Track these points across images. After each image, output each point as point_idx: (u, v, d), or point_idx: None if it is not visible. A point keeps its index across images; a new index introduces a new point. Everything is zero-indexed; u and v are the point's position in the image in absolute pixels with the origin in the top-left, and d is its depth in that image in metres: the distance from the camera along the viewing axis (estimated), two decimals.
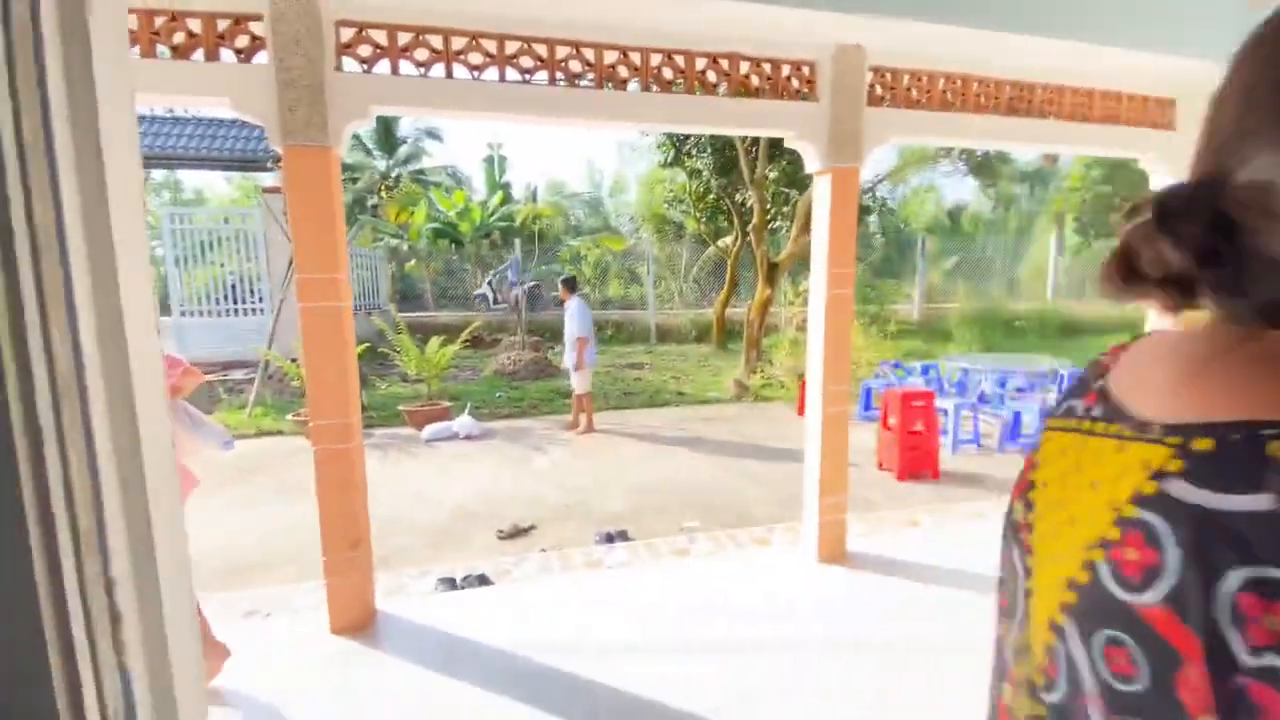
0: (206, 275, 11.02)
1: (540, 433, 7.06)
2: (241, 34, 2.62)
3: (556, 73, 2.95)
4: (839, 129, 3.25)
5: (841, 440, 3.52)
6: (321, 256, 2.77)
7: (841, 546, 3.61)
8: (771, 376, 9.55)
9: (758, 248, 10.11)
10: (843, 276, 3.41)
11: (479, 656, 2.72)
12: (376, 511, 4.72)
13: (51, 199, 0.65)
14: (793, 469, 5.54)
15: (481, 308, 14.10)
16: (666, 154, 11.73)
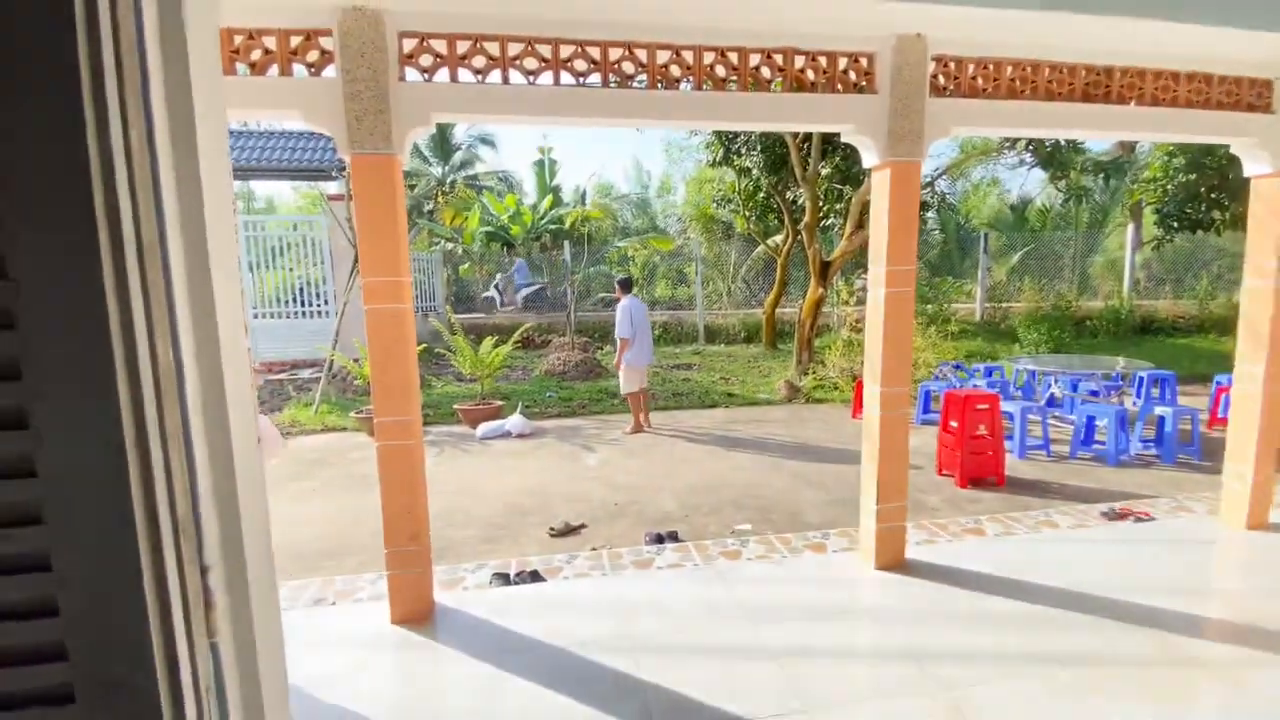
0: (276, 279, 11.62)
1: (590, 432, 7.12)
2: (312, 49, 2.75)
3: (609, 74, 2.97)
4: (899, 122, 3.15)
5: (901, 444, 3.41)
6: (385, 260, 2.87)
7: (900, 553, 3.49)
8: (824, 378, 9.34)
9: (809, 246, 9.91)
10: (903, 275, 3.31)
11: (532, 652, 2.76)
12: (434, 505, 4.87)
13: (154, 210, 0.69)
14: (847, 472, 5.41)
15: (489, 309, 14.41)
16: (715, 153, 11.63)
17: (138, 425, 0.63)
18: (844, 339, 9.82)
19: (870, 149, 3.25)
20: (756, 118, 3.18)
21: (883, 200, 3.29)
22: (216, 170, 0.80)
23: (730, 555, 3.82)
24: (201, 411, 0.78)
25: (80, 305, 0.60)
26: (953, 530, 4.11)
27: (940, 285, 12.75)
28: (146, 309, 0.65)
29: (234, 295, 0.82)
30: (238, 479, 0.81)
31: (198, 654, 0.73)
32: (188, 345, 0.75)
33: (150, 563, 0.65)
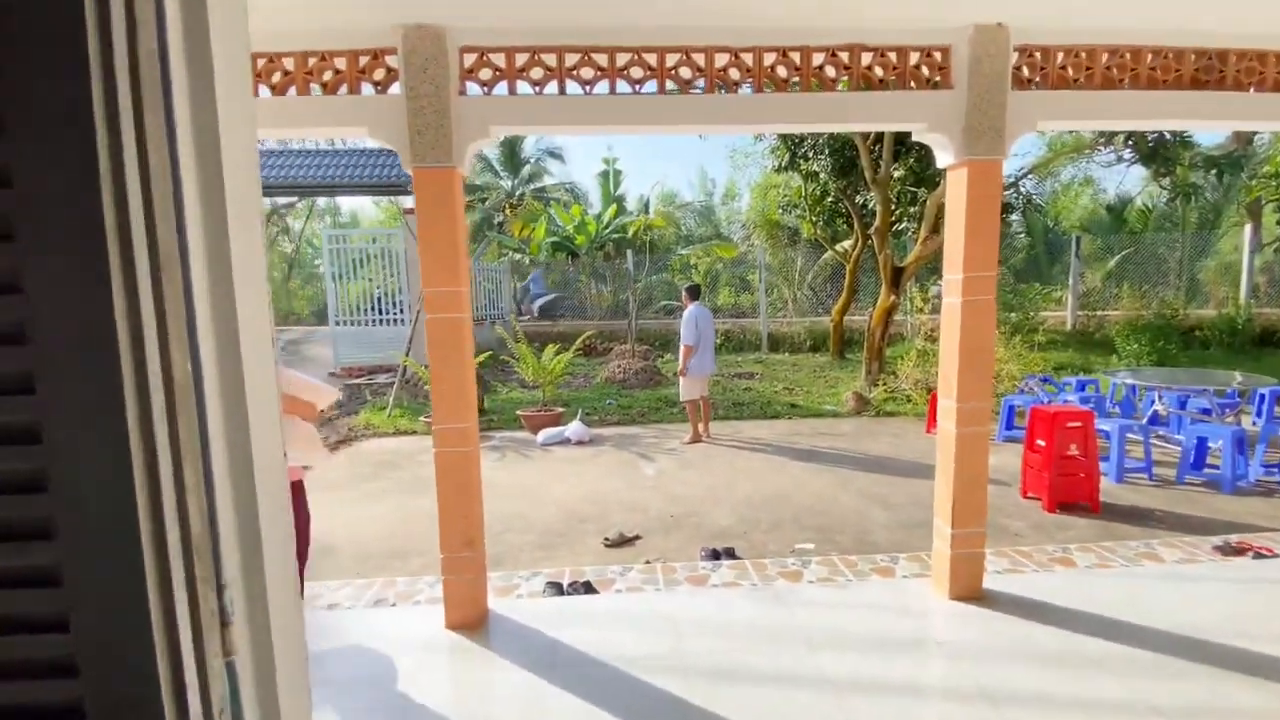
0: (357, 290, 12.26)
1: (648, 440, 7.07)
2: (379, 67, 2.85)
3: (667, 80, 2.92)
4: (977, 118, 2.93)
5: (979, 464, 3.16)
6: (445, 271, 2.93)
7: (977, 582, 3.23)
8: (895, 389, 8.91)
9: (880, 251, 9.51)
10: (982, 281, 3.07)
11: (581, 665, 2.72)
12: (494, 509, 4.95)
13: (175, 220, 0.68)
14: (921, 491, 5.10)
15: None
16: (780, 158, 11.40)
17: (145, 441, 0.62)
18: (918, 348, 9.34)
19: (945, 148, 3.04)
20: (822, 118, 3.05)
21: (959, 202, 3.07)
22: (242, 184, 0.79)
23: (790, 576, 3.65)
24: (222, 426, 0.77)
25: (90, 320, 0.60)
26: (1038, 559, 3.78)
27: (1026, 292, 11.93)
28: (161, 323, 0.65)
29: (259, 309, 0.82)
30: (259, 495, 0.80)
31: (210, 673, 0.72)
32: (209, 359, 0.74)
33: (157, 580, 0.64)
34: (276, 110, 2.83)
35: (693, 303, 6.93)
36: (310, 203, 23.31)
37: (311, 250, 22.95)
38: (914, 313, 11.25)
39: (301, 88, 2.83)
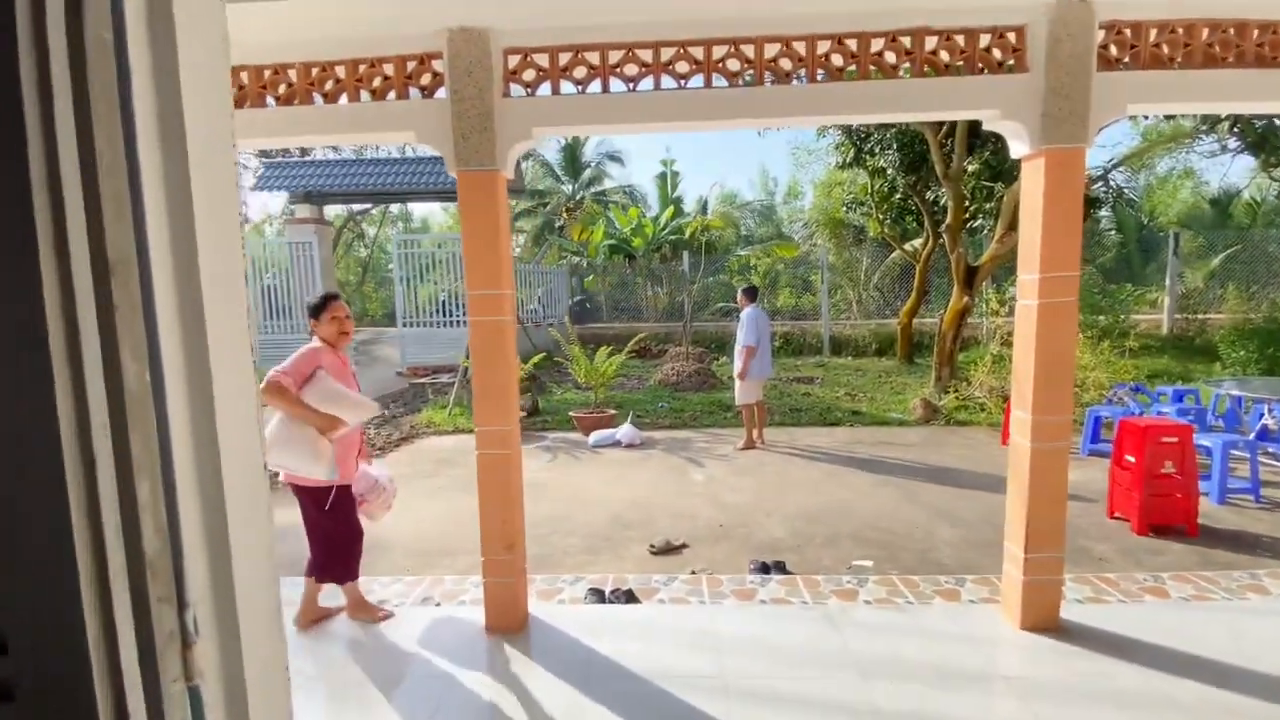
0: (425, 292, 12.70)
1: (699, 445, 6.92)
2: (425, 72, 2.87)
3: (713, 74, 2.81)
4: (1056, 103, 2.67)
5: (1058, 481, 2.88)
6: (488, 274, 2.92)
7: (1053, 612, 2.94)
8: (968, 397, 8.38)
9: (952, 250, 8.99)
10: (1062, 282, 2.79)
11: (617, 679, 2.63)
12: (542, 510, 4.96)
13: (132, 224, 0.65)
14: (994, 507, 4.75)
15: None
16: (845, 154, 10.99)
17: (84, 455, 0.58)
18: (993, 353, 8.77)
19: (1020, 136, 2.79)
20: (881, 108, 2.85)
21: (1036, 195, 2.81)
22: (215, 181, 0.75)
23: (845, 595, 3.45)
24: (189, 438, 0.73)
25: (15, 327, 0.56)
26: (1125, 588, 3.42)
27: (1116, 293, 11.01)
28: (108, 329, 0.61)
29: (234, 313, 0.78)
30: (228, 508, 0.76)
31: (168, 698, 0.68)
32: (174, 367, 0.70)
33: (96, 602, 0.60)
34: (330, 117, 2.90)
35: (750, 304, 6.75)
36: (384, 209, 24.38)
37: (384, 255, 24.01)
38: (989, 315, 10.58)
39: (352, 94, 2.89)
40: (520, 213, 20.28)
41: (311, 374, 2.88)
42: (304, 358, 2.92)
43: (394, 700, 2.56)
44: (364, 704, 2.54)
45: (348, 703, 2.55)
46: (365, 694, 2.60)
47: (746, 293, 6.94)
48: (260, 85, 2.88)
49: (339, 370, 2.99)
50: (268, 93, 2.89)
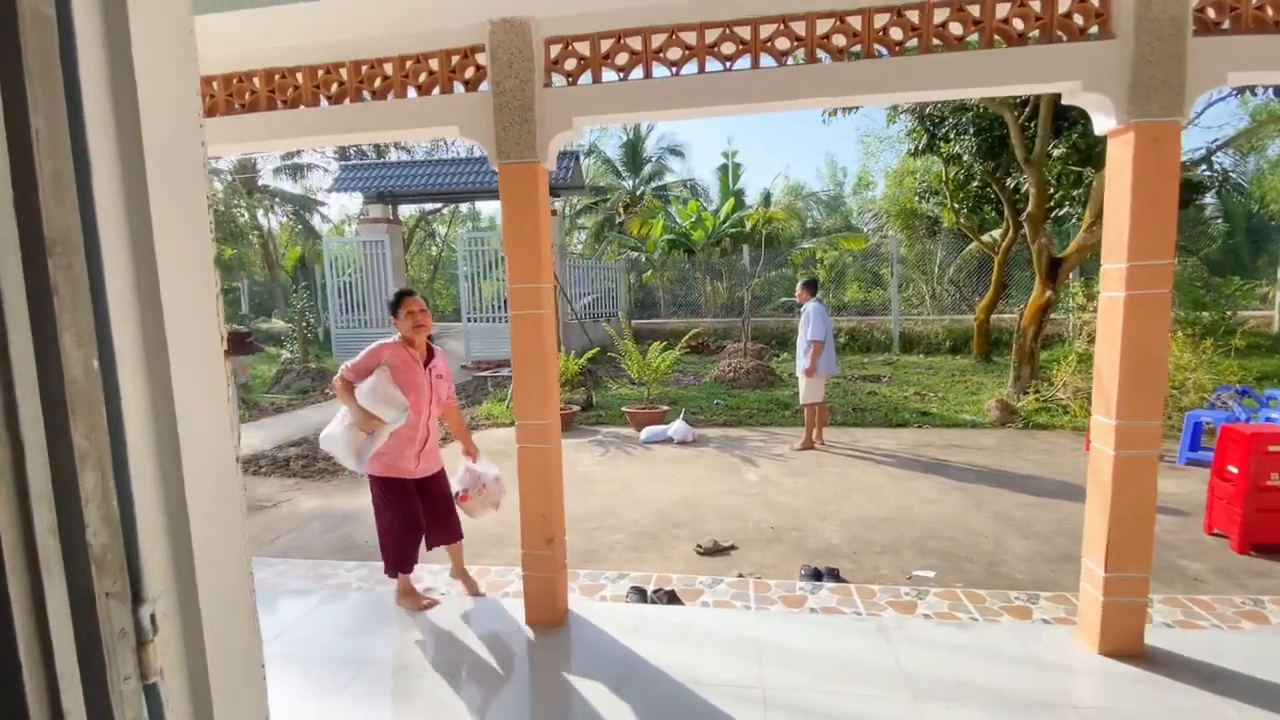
0: (491, 289, 13.02)
1: (754, 444, 6.74)
2: (469, 66, 2.87)
3: (761, 54, 2.67)
4: (1147, 71, 2.38)
5: (1144, 495, 2.58)
6: (528, 267, 2.90)
7: (1137, 637, 2.65)
8: (1050, 399, 7.79)
9: (1034, 240, 8.37)
10: (1153, 272, 2.50)
11: (654, 683, 2.56)
12: (589, 506, 4.94)
13: (77, 205, 0.63)
14: (1074, 519, 4.37)
15: None
16: (917, 141, 10.43)
17: (12, 444, 0.56)
18: (1079, 352, 8.11)
19: (1105, 109, 2.50)
20: (945, 84, 2.63)
21: (1123, 175, 2.52)
22: (176, 164, 0.73)
23: (902, 607, 3.24)
24: (148, 427, 0.71)
25: None
26: (1222, 612, 3.05)
27: (1223, 287, 9.95)
28: (44, 315, 0.59)
29: (199, 298, 0.75)
30: (190, 501, 0.74)
31: (118, 697, 0.66)
32: (129, 354, 0.68)
33: (25, 599, 0.58)
34: (380, 113, 2.95)
35: (811, 298, 6.48)
36: (454, 209, 25.22)
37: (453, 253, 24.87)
38: (1075, 311, 9.79)
39: (399, 91, 2.93)
40: (581, 209, 20.48)
41: (375, 369, 2.98)
42: (370, 353, 3.04)
43: (431, 688, 2.59)
44: (401, 691, 2.59)
45: (385, 689, 2.60)
46: (402, 681, 2.65)
47: (808, 286, 6.64)
48: (314, 85, 2.96)
49: (406, 364, 3.06)
50: (321, 92, 2.97)
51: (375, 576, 3.77)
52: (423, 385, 3.11)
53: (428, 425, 3.16)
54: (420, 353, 3.15)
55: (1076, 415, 7.16)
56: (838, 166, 24.34)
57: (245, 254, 21.96)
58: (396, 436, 3.06)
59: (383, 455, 3.05)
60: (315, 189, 23.14)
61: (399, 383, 3.01)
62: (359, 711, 2.46)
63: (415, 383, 3.08)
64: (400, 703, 2.52)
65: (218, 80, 3.04)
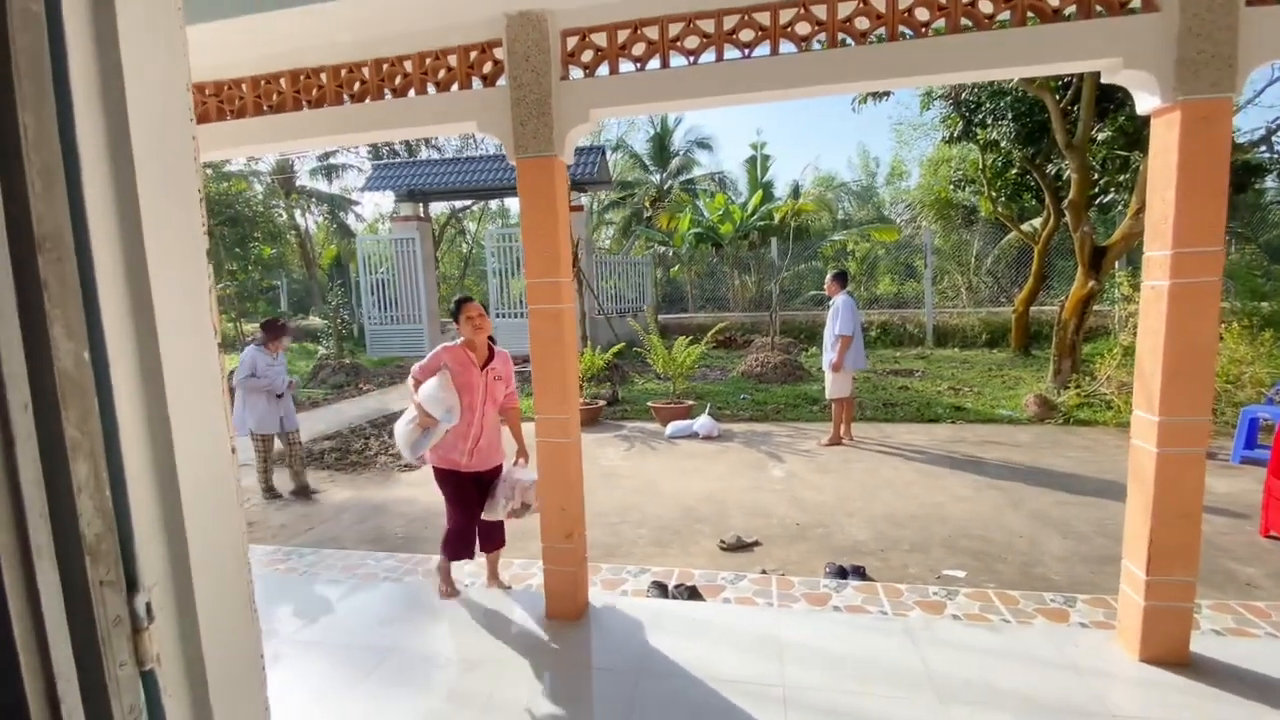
0: (519, 285, 13.14)
1: (780, 439, 6.65)
2: (487, 61, 2.88)
3: (781, 40, 2.61)
4: (1195, 45, 2.24)
5: (1189, 495, 2.45)
6: (547, 261, 2.90)
7: (1182, 644, 2.53)
8: (1093, 393, 7.50)
9: (1076, 229, 8.04)
10: (1201, 259, 2.36)
11: (671, 679, 2.55)
12: (613, 500, 4.95)
13: (67, 201, 0.63)
14: (1117, 519, 4.20)
15: None
16: (952, 128, 10.11)
17: (4, 436, 0.57)
18: (1124, 345, 7.77)
19: (1149, 86, 2.37)
20: (974, 65, 2.52)
21: (1168, 156, 2.38)
22: (166, 159, 0.73)
23: (930, 607, 3.16)
24: (142, 416, 0.71)
25: None
26: (1277, 620, 2.88)
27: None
28: (32, 306, 0.59)
29: (192, 289, 0.75)
30: (183, 491, 0.74)
31: (114, 683, 0.67)
32: (120, 345, 0.69)
33: (20, 586, 0.59)
34: (401, 110, 2.98)
35: (840, 290, 6.33)
36: (483, 206, 25.49)
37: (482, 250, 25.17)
38: (1120, 302, 9.39)
39: (419, 88, 2.95)
40: (608, 205, 20.47)
41: (438, 370, 3.19)
42: (434, 356, 3.26)
43: (452, 677, 2.63)
44: (423, 680, 2.62)
45: (407, 677, 2.65)
46: (424, 670, 2.68)
47: (837, 278, 6.44)
48: (337, 85, 3.01)
49: (463, 366, 3.22)
50: (344, 91, 3.01)
51: (403, 568, 3.84)
52: (477, 385, 3.23)
53: (481, 423, 3.26)
54: (480, 355, 3.27)
55: (1121, 411, 6.88)
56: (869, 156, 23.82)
57: (284, 253, 22.58)
58: (451, 431, 3.19)
59: (438, 447, 3.23)
60: (349, 189, 23.66)
61: (457, 384, 3.15)
62: (382, 699, 2.50)
63: (470, 383, 3.21)
64: (422, 691, 2.55)
65: (246, 83, 3.11)
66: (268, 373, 5.23)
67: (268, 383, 5.21)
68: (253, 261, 13.15)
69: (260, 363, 5.22)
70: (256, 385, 5.20)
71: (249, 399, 5.23)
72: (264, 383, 5.20)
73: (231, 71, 3.10)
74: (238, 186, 14.75)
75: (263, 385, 5.19)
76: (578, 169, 12.38)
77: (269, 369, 5.25)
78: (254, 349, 5.28)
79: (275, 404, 5.29)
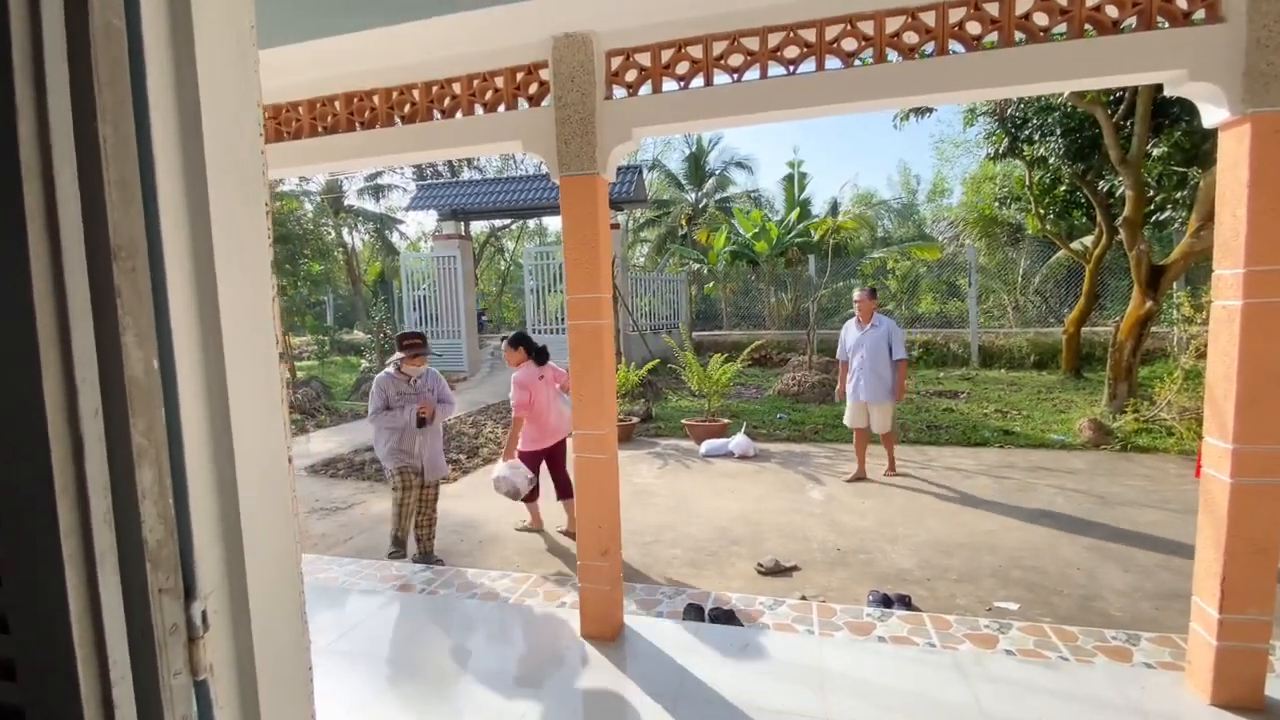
0: (556, 301, 13.31)
1: (819, 461, 6.50)
2: (533, 82, 2.94)
3: (826, 56, 2.59)
4: (1265, 57, 2.14)
5: (1268, 526, 2.29)
6: (588, 278, 2.91)
7: (1257, 687, 2.34)
8: (1152, 419, 7.14)
9: (1131, 247, 7.73)
10: (1275, 278, 2.23)
11: (708, 704, 2.48)
12: (648, 519, 4.90)
13: (142, 211, 0.65)
14: (1182, 553, 3.96)
15: None
16: (997, 144, 9.90)
17: (72, 440, 0.59)
18: (1185, 368, 7.39)
19: (1216, 99, 2.27)
20: (1029, 78, 2.45)
21: (1238, 170, 2.26)
22: (237, 173, 0.75)
23: (981, 641, 3.01)
24: (205, 424, 0.73)
25: (4, 312, 0.57)
26: None
27: None
28: (107, 316, 0.61)
29: (256, 304, 0.77)
30: (242, 500, 0.75)
31: (169, 693, 0.67)
32: (187, 353, 0.70)
33: (82, 590, 0.59)
34: (449, 131, 3.06)
35: (877, 308, 5.90)
36: (522, 225, 25.99)
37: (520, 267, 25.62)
38: (1180, 323, 8.96)
39: (467, 109, 3.03)
40: (644, 223, 20.63)
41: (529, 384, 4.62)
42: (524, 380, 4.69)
43: (484, 694, 2.61)
44: (456, 694, 2.61)
45: (441, 691, 2.64)
46: (458, 685, 2.67)
47: (871, 294, 5.88)
48: (389, 106, 3.11)
49: (533, 378, 4.73)
50: (395, 112, 3.11)
51: (439, 580, 3.86)
52: (540, 388, 4.70)
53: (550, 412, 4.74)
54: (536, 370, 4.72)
55: (1183, 437, 6.52)
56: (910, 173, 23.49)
57: (331, 269, 23.40)
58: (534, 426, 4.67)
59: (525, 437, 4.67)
60: (395, 208, 24.42)
61: (533, 391, 4.62)
62: (415, 713, 2.50)
63: (540, 389, 4.70)
64: (455, 707, 2.54)
65: (303, 105, 3.24)
66: (402, 401, 4.20)
67: (406, 418, 4.16)
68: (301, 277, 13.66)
69: (392, 391, 4.21)
70: (394, 423, 4.16)
71: (385, 434, 4.23)
72: (401, 419, 4.15)
73: (289, 95, 3.24)
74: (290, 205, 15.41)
75: (400, 423, 4.15)
76: (615, 188, 12.53)
77: (403, 397, 4.21)
78: (387, 375, 4.27)
79: (415, 437, 4.22)
